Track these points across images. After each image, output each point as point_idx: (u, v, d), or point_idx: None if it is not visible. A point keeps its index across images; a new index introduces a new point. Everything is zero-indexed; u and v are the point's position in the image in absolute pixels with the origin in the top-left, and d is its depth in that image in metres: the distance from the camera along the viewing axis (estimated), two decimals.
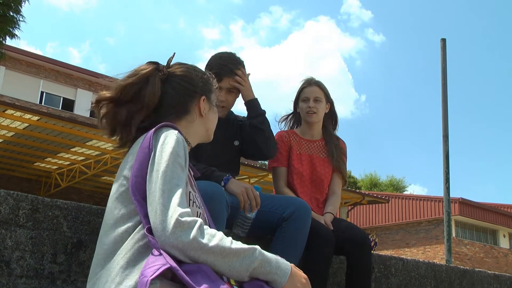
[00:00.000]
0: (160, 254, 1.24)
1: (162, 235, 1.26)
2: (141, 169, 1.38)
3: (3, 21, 7.61)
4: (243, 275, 1.29)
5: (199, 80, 1.65)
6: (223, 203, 2.03)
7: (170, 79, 1.62)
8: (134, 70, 1.58)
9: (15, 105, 10.74)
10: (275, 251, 2.26)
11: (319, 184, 2.83)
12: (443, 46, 6.18)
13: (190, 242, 1.25)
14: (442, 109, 6.07)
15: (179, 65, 1.67)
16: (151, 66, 1.59)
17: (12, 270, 1.77)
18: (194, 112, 1.62)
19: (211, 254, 1.26)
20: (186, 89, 1.62)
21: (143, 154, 1.39)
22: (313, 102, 2.82)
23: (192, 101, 1.62)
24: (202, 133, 1.66)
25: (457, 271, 3.58)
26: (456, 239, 22.80)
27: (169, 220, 1.26)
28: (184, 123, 1.61)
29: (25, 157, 13.71)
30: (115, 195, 1.42)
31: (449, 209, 5.77)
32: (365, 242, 2.48)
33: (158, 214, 1.28)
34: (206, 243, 1.26)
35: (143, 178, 1.36)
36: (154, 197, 1.31)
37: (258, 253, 1.31)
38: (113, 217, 1.39)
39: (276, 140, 2.86)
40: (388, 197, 22.57)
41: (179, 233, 1.25)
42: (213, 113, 1.69)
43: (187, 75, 1.64)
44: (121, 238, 1.35)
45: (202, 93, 1.64)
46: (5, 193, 1.80)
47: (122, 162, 1.48)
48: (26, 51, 17.98)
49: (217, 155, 2.49)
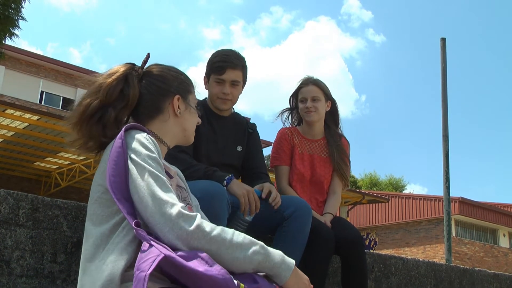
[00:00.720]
0: (150, 245, 1.23)
1: (165, 226, 1.27)
2: (117, 168, 1.36)
3: (3, 21, 7.60)
4: (246, 267, 1.30)
5: (173, 80, 1.64)
6: (224, 203, 2.02)
7: (145, 78, 1.62)
8: (113, 69, 1.60)
9: (15, 105, 10.73)
10: None
11: (318, 185, 2.82)
12: (443, 46, 6.18)
13: (193, 230, 1.26)
14: (442, 108, 6.07)
15: (155, 65, 1.67)
16: (127, 66, 1.61)
17: (12, 270, 1.77)
18: (167, 112, 1.61)
19: (214, 244, 1.27)
20: (159, 88, 1.61)
21: (117, 153, 1.38)
22: (311, 102, 2.80)
23: (165, 100, 1.61)
24: (179, 133, 1.64)
25: (457, 271, 3.58)
26: (456, 239, 22.80)
27: (170, 211, 1.28)
28: (157, 123, 1.60)
29: (25, 156, 13.70)
30: (92, 201, 1.43)
31: (449, 208, 5.77)
32: (357, 241, 2.46)
33: (156, 207, 1.29)
34: (209, 232, 1.28)
35: (121, 177, 1.35)
36: (145, 193, 1.31)
37: (261, 246, 1.33)
38: (94, 221, 1.39)
39: (279, 137, 2.86)
40: (388, 196, 22.57)
41: (182, 223, 1.27)
42: (190, 113, 1.66)
43: (161, 74, 1.64)
44: (105, 238, 1.35)
45: (176, 92, 1.62)
46: (5, 192, 1.80)
47: (98, 167, 1.47)
48: (26, 51, 17.95)
49: (218, 156, 2.49)
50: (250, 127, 2.67)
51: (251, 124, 2.71)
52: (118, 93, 1.55)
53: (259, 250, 1.31)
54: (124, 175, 1.36)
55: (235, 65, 2.47)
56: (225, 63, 2.45)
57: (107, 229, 1.35)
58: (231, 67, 2.46)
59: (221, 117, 2.57)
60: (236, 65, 2.47)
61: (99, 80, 1.57)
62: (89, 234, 1.39)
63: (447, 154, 5.86)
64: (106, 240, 1.34)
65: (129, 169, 1.36)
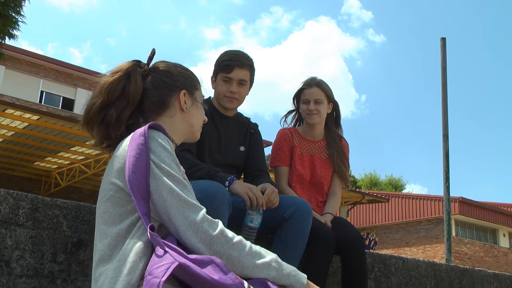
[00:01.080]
0: (165, 252, 1.22)
1: (188, 229, 1.29)
2: (138, 165, 1.34)
3: (2, 21, 7.59)
4: (263, 275, 1.32)
5: (179, 75, 1.64)
6: (225, 203, 2.02)
7: (151, 74, 1.61)
8: (116, 67, 1.59)
9: (15, 105, 10.72)
10: (276, 251, 2.26)
11: (318, 186, 2.82)
12: (443, 45, 6.18)
13: (217, 235, 1.29)
14: (442, 108, 6.07)
15: (161, 62, 1.67)
16: (131, 63, 1.61)
17: (12, 270, 1.77)
18: (174, 107, 1.60)
19: (236, 250, 1.30)
20: (165, 83, 1.60)
21: (139, 150, 1.36)
22: (313, 104, 2.79)
23: (172, 94, 1.60)
24: (186, 129, 1.63)
25: (457, 270, 3.58)
26: (456, 238, 22.81)
27: (194, 214, 1.30)
28: (165, 119, 1.59)
29: (25, 156, 13.70)
30: (104, 199, 1.41)
31: (449, 208, 5.77)
32: (357, 241, 2.46)
33: (180, 209, 1.30)
34: (231, 237, 1.31)
35: (142, 174, 1.33)
36: (168, 195, 1.32)
37: (276, 257, 1.36)
38: (107, 220, 1.38)
39: (279, 138, 2.86)
40: (388, 196, 22.58)
41: (206, 227, 1.29)
42: (197, 109, 1.66)
43: (167, 69, 1.63)
44: (121, 238, 1.34)
45: (182, 87, 1.62)
46: (5, 192, 1.80)
47: (107, 167, 1.46)
48: (26, 51, 17.95)
49: (221, 156, 2.49)
50: (252, 127, 2.69)
51: (253, 124, 2.72)
52: (120, 91, 1.54)
53: (275, 258, 1.35)
54: (145, 173, 1.34)
55: (243, 64, 2.50)
56: (233, 61, 2.48)
57: (122, 229, 1.34)
58: (239, 66, 2.48)
59: (225, 116, 2.58)
60: (244, 64, 2.50)
61: (102, 80, 1.57)
62: (103, 234, 1.38)
63: (447, 153, 5.86)
64: (122, 241, 1.33)
65: (150, 169, 1.35)
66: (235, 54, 2.52)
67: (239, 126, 2.62)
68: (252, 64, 2.56)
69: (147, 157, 1.36)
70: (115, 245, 1.34)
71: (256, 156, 2.64)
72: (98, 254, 1.37)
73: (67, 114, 11.95)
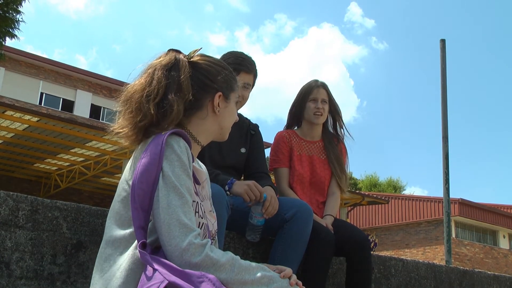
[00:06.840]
0: (154, 270, 1.21)
1: (175, 250, 1.26)
2: (147, 175, 1.31)
3: (2, 21, 7.58)
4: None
5: (218, 75, 1.54)
6: (223, 204, 2.02)
7: (191, 70, 1.51)
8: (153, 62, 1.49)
9: (14, 106, 10.72)
10: (277, 253, 2.26)
11: (319, 186, 2.83)
12: (443, 47, 6.17)
13: (201, 261, 1.25)
14: (442, 110, 6.06)
15: (201, 56, 1.57)
16: (173, 54, 1.51)
17: (11, 271, 1.77)
18: (206, 109, 1.52)
19: (223, 272, 1.26)
20: (203, 84, 1.51)
21: (152, 160, 1.32)
22: (321, 103, 2.84)
23: (207, 96, 1.52)
24: (215, 130, 1.57)
25: (457, 272, 3.58)
26: (456, 240, 22.79)
27: (180, 238, 1.26)
28: (195, 120, 1.52)
29: (25, 158, 13.70)
30: (118, 198, 1.40)
31: (448, 209, 5.77)
32: (365, 242, 2.48)
33: (170, 229, 1.27)
34: (217, 260, 1.27)
35: (148, 185, 1.30)
36: (163, 212, 1.28)
37: (268, 270, 1.32)
38: (117, 221, 1.37)
39: (277, 140, 2.87)
40: (388, 197, 22.56)
41: (190, 255, 1.25)
42: (229, 111, 1.58)
43: (206, 68, 1.53)
44: (124, 242, 1.33)
45: (219, 89, 1.54)
46: (4, 194, 1.80)
47: (129, 162, 1.43)
48: (26, 52, 17.95)
49: (222, 158, 2.49)
50: (252, 129, 2.69)
51: (253, 125, 2.72)
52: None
53: (266, 273, 1.30)
54: (152, 184, 1.31)
55: (249, 69, 2.56)
56: (241, 66, 2.53)
57: (128, 234, 1.33)
58: (245, 71, 2.54)
59: None
60: (250, 70, 2.56)
61: None
62: (110, 233, 1.37)
63: (447, 155, 5.86)
64: (125, 245, 1.32)
65: (158, 180, 1.32)
66: (241, 57, 2.57)
67: (240, 127, 2.62)
68: (256, 68, 2.62)
69: (158, 168, 1.32)
70: (117, 247, 1.33)
71: (256, 158, 2.64)
72: (101, 252, 1.37)
73: (67, 116, 11.92)
